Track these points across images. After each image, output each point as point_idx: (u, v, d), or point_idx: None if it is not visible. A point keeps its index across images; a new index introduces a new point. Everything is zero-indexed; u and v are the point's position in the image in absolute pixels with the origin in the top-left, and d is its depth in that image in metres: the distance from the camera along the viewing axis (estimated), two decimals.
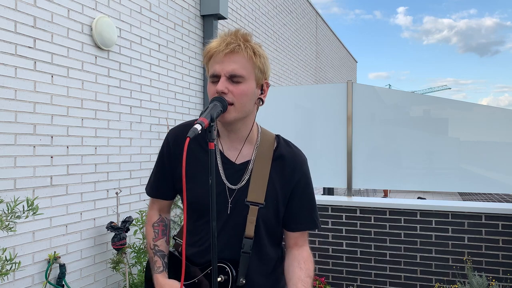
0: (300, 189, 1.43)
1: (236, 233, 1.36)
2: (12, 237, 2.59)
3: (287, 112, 4.72)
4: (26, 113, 2.71)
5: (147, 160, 3.86)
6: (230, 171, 1.39)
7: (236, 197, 1.37)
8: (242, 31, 1.34)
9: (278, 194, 1.39)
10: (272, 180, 1.39)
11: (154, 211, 1.54)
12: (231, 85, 1.29)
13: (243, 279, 1.34)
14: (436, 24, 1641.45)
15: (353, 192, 4.33)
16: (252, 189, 1.37)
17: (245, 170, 1.39)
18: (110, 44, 3.35)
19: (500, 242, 3.62)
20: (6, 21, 2.57)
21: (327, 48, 12.13)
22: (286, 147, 1.45)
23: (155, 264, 1.46)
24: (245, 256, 1.35)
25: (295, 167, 1.42)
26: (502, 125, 3.98)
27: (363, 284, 3.98)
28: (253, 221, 1.35)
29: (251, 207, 1.36)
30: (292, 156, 1.43)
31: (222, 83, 1.28)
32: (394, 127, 4.32)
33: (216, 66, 1.30)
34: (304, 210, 1.45)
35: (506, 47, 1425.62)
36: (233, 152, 1.40)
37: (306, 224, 1.46)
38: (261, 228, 1.38)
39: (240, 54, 1.29)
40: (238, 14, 5.84)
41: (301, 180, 1.43)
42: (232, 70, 1.28)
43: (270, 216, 1.39)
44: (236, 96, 1.29)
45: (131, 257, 3.42)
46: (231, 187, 1.38)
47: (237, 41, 1.30)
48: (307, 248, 1.47)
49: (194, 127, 1.15)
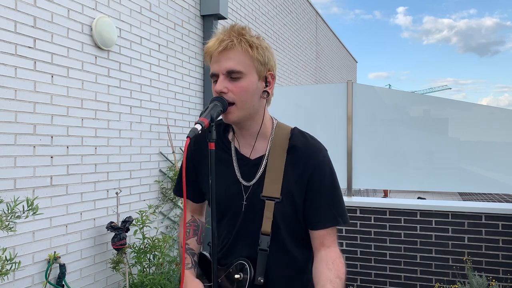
0: (317, 182, 1.33)
1: (254, 230, 1.31)
2: (12, 237, 2.59)
3: (287, 112, 4.72)
4: (26, 113, 2.71)
5: (147, 160, 3.87)
6: (245, 168, 1.36)
7: (251, 193, 1.34)
8: (238, 26, 1.30)
9: (293, 187, 1.32)
10: (287, 173, 1.32)
11: (188, 212, 1.54)
12: (230, 83, 1.26)
13: (262, 278, 1.28)
14: (436, 24, 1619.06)
15: (353, 192, 4.33)
16: (267, 184, 1.31)
17: (260, 165, 1.35)
18: (110, 44, 3.35)
19: (500, 242, 3.62)
20: (6, 21, 2.57)
21: (327, 48, 12.13)
22: (300, 137, 1.38)
23: (185, 261, 1.43)
24: (263, 254, 1.29)
25: (308, 158, 1.34)
26: (502, 125, 3.98)
27: (363, 284, 3.98)
28: (270, 217, 1.30)
29: (266, 202, 1.31)
30: (305, 146, 1.35)
31: (220, 83, 1.26)
32: (394, 127, 4.32)
33: (214, 65, 1.28)
34: (324, 204, 1.34)
35: (506, 47, 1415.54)
36: (247, 149, 1.38)
37: (328, 220, 1.33)
38: (279, 224, 1.31)
39: (234, 49, 1.26)
40: (238, 14, 5.84)
41: (315, 172, 1.33)
42: (228, 67, 1.25)
43: (287, 211, 1.32)
44: (236, 94, 1.26)
45: (131, 257, 3.42)
46: (246, 184, 1.35)
47: (231, 37, 1.27)
48: (335, 248, 1.35)
49: (194, 127, 1.15)
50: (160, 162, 4.06)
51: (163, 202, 4.08)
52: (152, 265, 3.49)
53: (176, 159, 4.22)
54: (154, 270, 3.53)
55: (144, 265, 3.43)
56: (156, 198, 4.01)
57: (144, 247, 3.45)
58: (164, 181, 4.10)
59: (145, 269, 3.46)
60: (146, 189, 3.87)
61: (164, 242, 3.52)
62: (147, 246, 3.46)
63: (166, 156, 4.13)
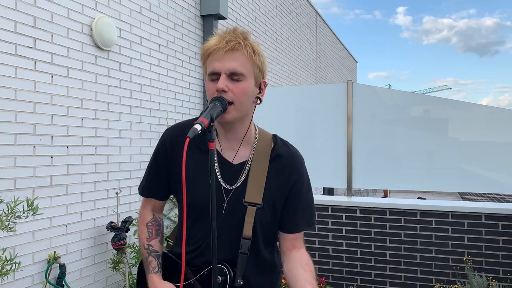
0: (298, 189, 1.41)
1: (233, 234, 1.34)
2: (12, 237, 2.59)
3: (287, 112, 4.72)
4: (26, 113, 2.71)
5: (147, 160, 3.87)
6: (227, 172, 1.37)
7: (232, 198, 1.36)
8: (241, 29, 1.33)
9: (275, 195, 1.38)
10: (270, 181, 1.37)
11: (147, 211, 1.51)
12: (231, 83, 1.27)
13: (241, 280, 1.33)
14: (436, 24, 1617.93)
15: (353, 192, 4.33)
16: (249, 190, 1.35)
17: (242, 170, 1.37)
18: (110, 44, 3.35)
19: (500, 242, 3.62)
20: (6, 21, 2.57)
21: (327, 48, 12.13)
22: (283, 147, 1.43)
23: (150, 264, 1.44)
24: (243, 257, 1.33)
25: (292, 167, 1.41)
26: (502, 125, 3.98)
27: (363, 284, 3.98)
28: (251, 222, 1.34)
29: (248, 207, 1.34)
30: (289, 156, 1.42)
31: (222, 81, 1.27)
32: (394, 127, 4.32)
33: (216, 63, 1.28)
34: (301, 210, 1.42)
35: (506, 47, 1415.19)
36: (230, 153, 1.39)
37: (303, 225, 1.43)
38: (258, 229, 1.36)
39: (240, 51, 1.28)
40: (238, 14, 5.84)
41: (298, 180, 1.41)
42: (232, 68, 1.27)
43: (267, 216, 1.37)
44: (236, 94, 1.28)
45: (131, 257, 3.42)
46: (227, 187, 1.36)
47: (237, 39, 1.28)
48: (305, 250, 1.44)
49: (194, 127, 1.14)
50: None
51: None
52: None
53: None
54: None
55: None
56: None
57: None
58: None
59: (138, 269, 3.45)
60: None
61: None
62: None
63: None
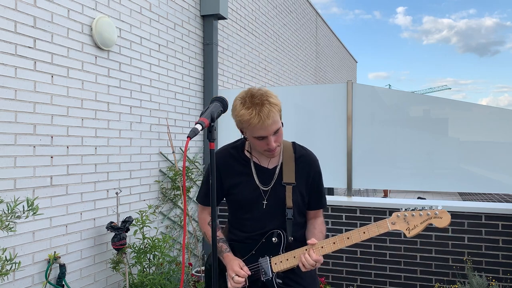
0: (316, 181, 1.98)
1: (280, 208, 1.87)
2: (12, 237, 2.59)
3: (287, 112, 4.68)
4: (26, 113, 2.71)
5: (147, 160, 3.87)
6: (263, 176, 1.89)
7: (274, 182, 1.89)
8: (258, 91, 1.71)
9: (301, 183, 1.93)
10: (297, 173, 1.91)
11: (206, 214, 2.03)
12: (274, 136, 1.76)
13: (291, 238, 1.85)
14: (436, 24, 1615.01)
15: (353, 192, 4.33)
16: (285, 176, 1.89)
17: (276, 171, 1.91)
18: (110, 44, 3.35)
19: (500, 242, 3.62)
20: (6, 21, 2.57)
21: (327, 48, 12.13)
22: (301, 150, 1.99)
23: (222, 248, 1.88)
24: (290, 222, 1.86)
25: (311, 165, 1.96)
26: (502, 125, 3.98)
27: (363, 284, 3.99)
28: (290, 196, 1.87)
29: (287, 186, 1.88)
30: (308, 156, 1.98)
31: (272, 142, 1.75)
32: (394, 127, 4.32)
33: (262, 131, 1.71)
34: (319, 195, 2.01)
35: (506, 47, 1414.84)
36: (265, 161, 1.93)
37: (321, 204, 2.03)
38: (294, 201, 1.88)
39: (272, 113, 1.69)
40: (238, 14, 5.84)
41: (316, 175, 1.98)
42: (274, 129, 1.74)
43: (298, 194, 1.91)
44: (279, 140, 1.80)
45: (131, 257, 3.42)
46: (264, 188, 1.88)
47: (267, 106, 1.67)
48: (321, 218, 2.02)
49: (195, 127, 1.19)
50: (160, 162, 4.06)
51: (163, 202, 4.08)
52: (152, 265, 3.49)
53: (176, 159, 4.22)
54: (154, 270, 3.53)
55: (144, 265, 3.43)
56: (156, 198, 4.01)
57: (144, 247, 3.45)
58: (164, 181, 4.10)
59: (145, 269, 3.46)
60: (146, 189, 3.87)
61: (164, 242, 3.52)
62: (147, 246, 3.46)
63: (166, 156, 4.13)
